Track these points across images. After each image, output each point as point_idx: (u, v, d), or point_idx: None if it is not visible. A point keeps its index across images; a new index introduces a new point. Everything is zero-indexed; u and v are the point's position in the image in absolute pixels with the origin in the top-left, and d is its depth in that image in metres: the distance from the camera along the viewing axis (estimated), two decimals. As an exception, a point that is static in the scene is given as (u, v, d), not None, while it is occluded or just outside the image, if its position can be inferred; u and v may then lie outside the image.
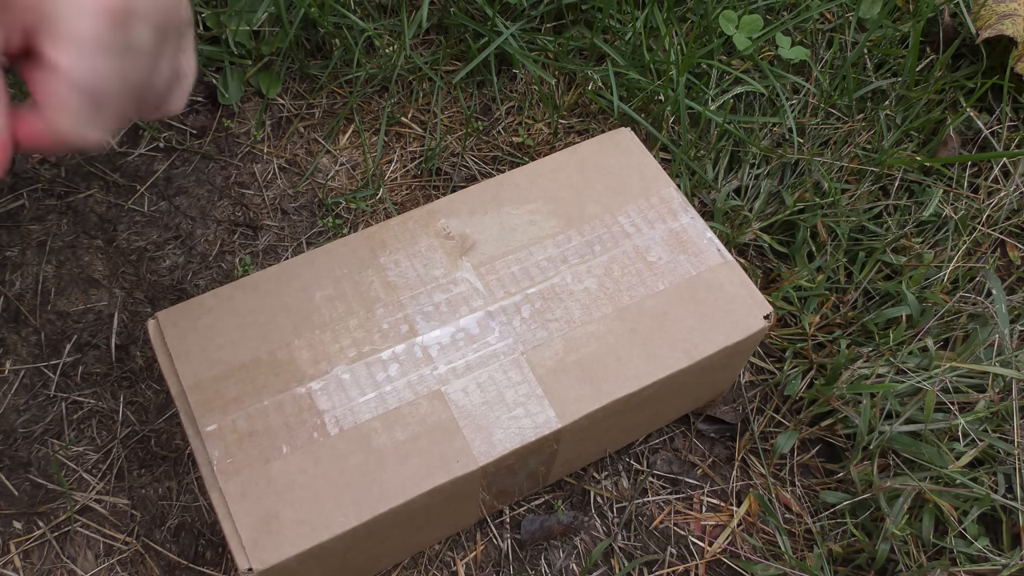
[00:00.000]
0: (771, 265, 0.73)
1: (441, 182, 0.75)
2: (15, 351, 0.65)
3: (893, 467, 0.62)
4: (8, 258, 0.69)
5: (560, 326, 0.55)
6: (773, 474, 0.65)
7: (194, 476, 0.62)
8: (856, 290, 0.70)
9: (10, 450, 0.62)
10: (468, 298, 0.56)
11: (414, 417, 0.52)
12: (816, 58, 0.83)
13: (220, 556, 0.59)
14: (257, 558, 0.47)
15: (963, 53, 0.85)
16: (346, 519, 0.49)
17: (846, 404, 0.64)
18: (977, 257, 0.73)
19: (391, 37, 0.80)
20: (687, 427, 0.66)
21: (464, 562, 0.60)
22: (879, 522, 0.61)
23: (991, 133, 0.81)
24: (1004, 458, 0.62)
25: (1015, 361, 0.64)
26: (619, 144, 0.63)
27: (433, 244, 0.58)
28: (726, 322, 0.56)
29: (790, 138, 0.77)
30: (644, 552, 0.61)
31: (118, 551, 0.59)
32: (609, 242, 0.59)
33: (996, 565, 0.58)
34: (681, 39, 0.80)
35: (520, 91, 0.80)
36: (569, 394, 0.53)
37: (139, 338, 0.66)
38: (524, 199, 0.60)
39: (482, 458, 0.51)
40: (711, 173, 0.75)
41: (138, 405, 0.64)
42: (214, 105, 0.78)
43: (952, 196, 0.76)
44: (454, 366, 0.54)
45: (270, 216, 0.73)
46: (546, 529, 0.61)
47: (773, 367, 0.69)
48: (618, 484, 0.64)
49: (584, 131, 0.78)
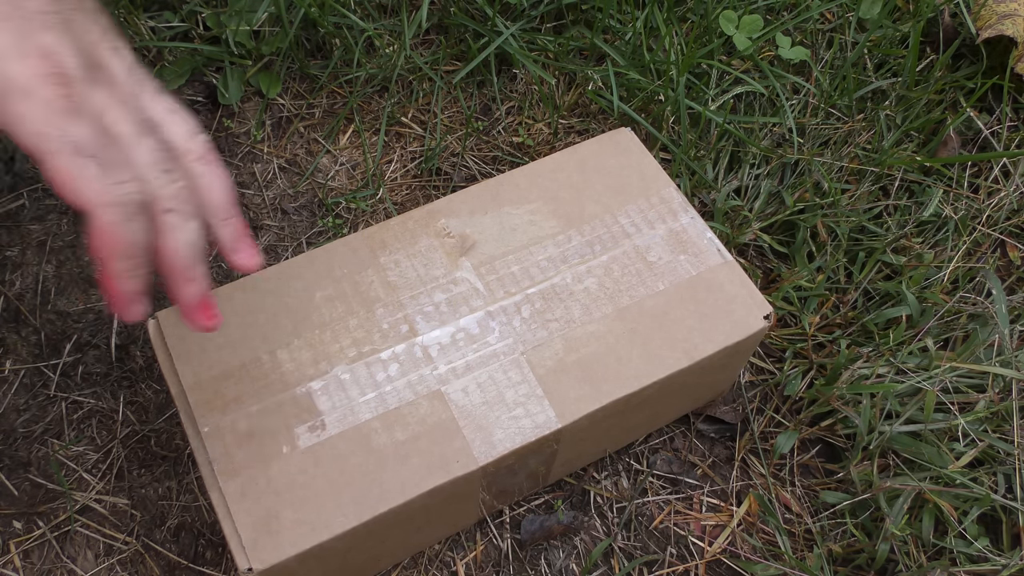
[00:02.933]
0: (771, 265, 0.73)
1: (441, 182, 0.75)
2: (15, 351, 0.65)
3: (893, 467, 0.62)
4: (8, 258, 0.69)
5: (560, 326, 0.55)
6: (773, 474, 0.65)
7: (194, 476, 0.62)
8: (856, 290, 0.70)
9: (10, 450, 0.62)
10: (468, 298, 0.56)
11: (414, 417, 0.52)
12: (816, 58, 0.83)
13: (220, 556, 0.59)
14: (257, 558, 0.47)
15: (963, 53, 0.85)
16: (346, 519, 0.49)
17: (846, 404, 0.64)
18: (977, 257, 0.73)
19: (391, 37, 0.80)
20: (687, 427, 0.66)
21: (464, 562, 0.60)
22: (879, 522, 0.61)
23: (991, 133, 0.81)
24: (1004, 458, 0.62)
25: (1015, 361, 0.64)
26: (619, 144, 0.63)
27: (433, 244, 0.58)
28: (726, 322, 0.56)
29: (790, 138, 0.77)
30: (644, 552, 0.61)
31: (118, 551, 0.59)
32: (609, 242, 0.59)
33: (996, 565, 0.58)
34: (681, 39, 0.80)
35: (520, 91, 0.80)
36: (569, 394, 0.53)
37: (139, 338, 0.66)
38: (524, 199, 0.60)
39: (482, 458, 0.51)
40: (711, 173, 0.75)
41: (138, 405, 0.64)
42: (214, 105, 0.78)
43: (952, 196, 0.76)
44: (454, 366, 0.54)
45: (270, 216, 0.73)
46: (546, 529, 0.61)
47: (773, 367, 0.69)
48: (618, 484, 0.64)
49: (584, 131, 0.78)
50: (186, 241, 0.38)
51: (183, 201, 0.38)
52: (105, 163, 0.35)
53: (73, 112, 0.35)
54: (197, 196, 0.40)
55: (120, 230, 0.36)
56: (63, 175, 0.35)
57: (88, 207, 0.35)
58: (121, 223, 0.35)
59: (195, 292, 0.40)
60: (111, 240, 0.36)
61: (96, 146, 0.35)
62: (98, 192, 0.35)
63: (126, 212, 0.36)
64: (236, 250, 0.42)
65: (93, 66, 0.36)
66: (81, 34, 0.36)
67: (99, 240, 0.36)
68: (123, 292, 0.37)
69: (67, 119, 0.35)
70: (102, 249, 0.36)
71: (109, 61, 0.37)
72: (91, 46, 0.36)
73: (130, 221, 0.36)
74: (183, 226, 0.38)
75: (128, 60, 0.39)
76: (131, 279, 0.37)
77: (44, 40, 0.35)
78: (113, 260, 0.36)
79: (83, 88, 0.35)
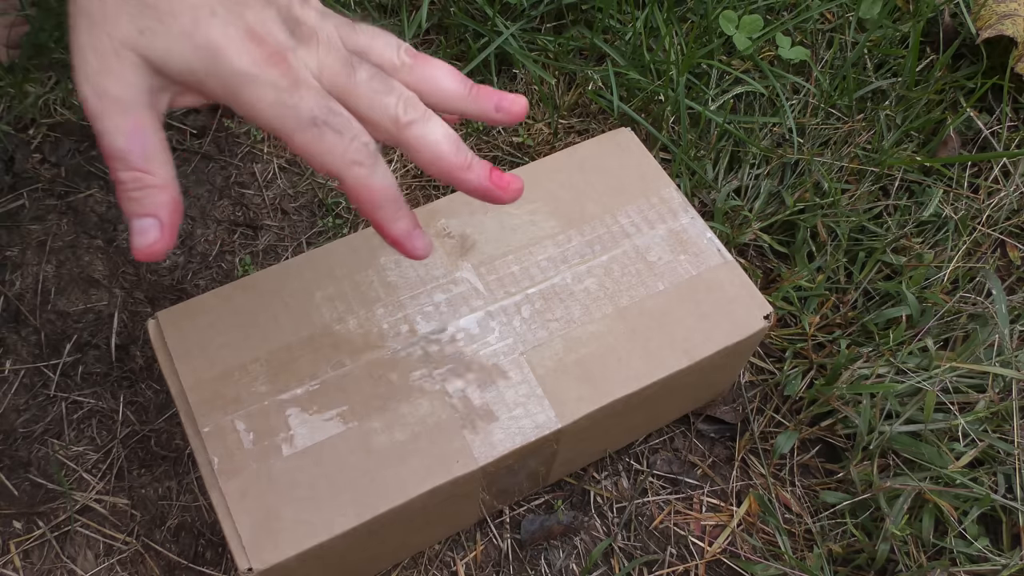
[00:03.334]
0: (771, 265, 0.73)
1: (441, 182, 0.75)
2: (15, 351, 0.65)
3: (893, 467, 0.62)
4: (8, 258, 0.69)
5: (560, 326, 0.55)
6: (773, 474, 0.65)
7: (194, 476, 0.62)
8: (856, 290, 0.70)
9: (10, 450, 0.62)
10: (468, 298, 0.56)
11: (414, 417, 0.52)
12: (816, 58, 0.83)
13: (220, 556, 0.59)
14: (257, 558, 0.47)
15: (963, 53, 0.86)
16: (346, 519, 0.49)
17: (846, 404, 0.64)
18: (977, 257, 0.73)
19: (391, 37, 0.80)
20: (687, 427, 0.66)
21: (464, 562, 0.60)
22: (879, 522, 0.61)
23: (991, 133, 0.81)
24: (1004, 458, 0.62)
25: (1015, 361, 0.64)
26: (619, 144, 0.63)
27: (433, 244, 0.58)
28: (726, 322, 0.56)
29: (790, 138, 0.77)
30: (644, 552, 0.61)
31: (118, 551, 0.59)
32: (609, 242, 0.59)
33: (996, 565, 0.58)
34: (681, 39, 0.80)
35: (520, 91, 0.80)
36: (569, 394, 0.53)
37: (139, 338, 0.66)
38: (524, 199, 0.60)
39: (482, 458, 0.51)
40: (711, 173, 0.75)
41: (138, 405, 0.64)
42: (214, 105, 0.78)
43: (952, 196, 0.76)
44: (454, 366, 0.54)
45: (270, 216, 0.73)
46: (546, 529, 0.61)
47: (773, 367, 0.69)
48: (618, 484, 0.64)
49: (584, 131, 0.78)
50: (439, 137, 0.39)
51: (415, 107, 0.39)
52: (337, 125, 0.37)
53: (298, 85, 0.36)
54: (429, 95, 0.41)
55: (370, 182, 0.38)
56: (308, 150, 0.37)
57: (337, 173, 0.38)
58: (368, 176, 0.38)
59: (480, 174, 0.41)
60: (368, 194, 0.38)
61: (326, 111, 0.37)
62: (340, 155, 0.37)
63: (369, 164, 0.38)
64: (499, 108, 0.42)
65: (295, 26, 0.37)
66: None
67: (357, 198, 0.38)
68: (399, 233, 0.40)
69: (295, 94, 0.36)
70: (363, 204, 0.39)
71: (303, 14, 0.38)
72: (286, 7, 0.37)
73: (375, 170, 0.38)
74: (428, 127, 0.39)
75: (316, 6, 0.39)
76: (400, 219, 0.40)
77: (250, 21, 0.36)
78: (376, 210, 0.39)
79: (296, 56, 0.37)
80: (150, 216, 0.36)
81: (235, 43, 0.35)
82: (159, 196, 0.36)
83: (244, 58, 0.35)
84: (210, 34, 0.35)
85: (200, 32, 0.35)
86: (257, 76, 0.36)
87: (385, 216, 0.39)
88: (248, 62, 0.35)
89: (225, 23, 0.35)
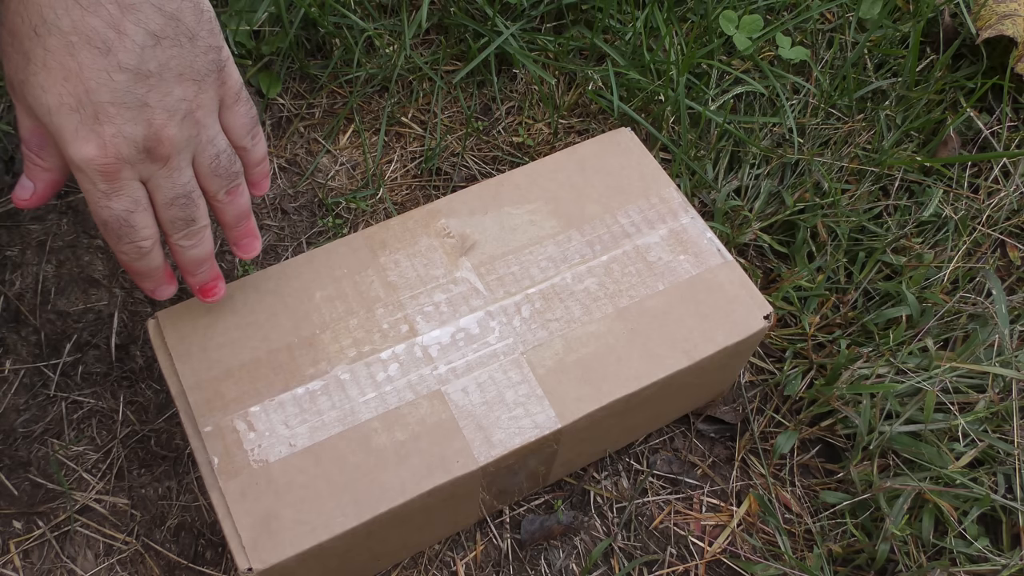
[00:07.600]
0: (771, 265, 0.73)
1: (441, 182, 0.75)
2: (15, 351, 0.65)
3: (893, 467, 0.63)
4: (8, 258, 0.69)
5: (560, 326, 0.55)
6: (773, 474, 0.65)
7: (194, 476, 0.62)
8: (856, 290, 0.70)
9: (10, 450, 0.62)
10: (468, 298, 0.56)
11: (414, 417, 0.52)
12: (816, 58, 0.83)
13: (220, 556, 0.59)
14: (257, 558, 0.47)
15: (963, 53, 0.86)
16: (346, 519, 0.49)
17: (846, 404, 0.64)
18: (977, 257, 0.73)
19: (391, 37, 0.80)
20: (687, 427, 0.66)
21: (464, 562, 0.60)
22: (879, 522, 0.61)
23: (991, 133, 0.81)
24: (1004, 458, 0.62)
25: (1015, 361, 0.64)
26: (619, 144, 0.63)
27: (433, 244, 0.58)
28: (726, 322, 0.56)
29: (790, 138, 0.77)
30: (644, 552, 0.61)
31: (118, 551, 0.59)
32: (609, 242, 0.59)
33: (996, 565, 0.58)
34: (681, 39, 0.80)
35: (520, 91, 0.80)
36: (569, 394, 0.53)
37: (139, 338, 0.66)
38: (524, 199, 0.60)
39: (482, 458, 0.51)
40: (711, 173, 0.75)
41: (138, 405, 0.64)
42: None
43: (952, 196, 0.76)
44: (454, 366, 0.54)
45: (270, 216, 0.73)
46: (546, 529, 0.61)
47: (773, 367, 0.69)
48: (618, 484, 0.64)
49: (584, 131, 0.78)
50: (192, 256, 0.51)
51: (191, 239, 0.50)
52: (121, 232, 0.47)
53: (111, 196, 0.45)
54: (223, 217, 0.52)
55: (130, 265, 0.49)
56: (103, 233, 0.47)
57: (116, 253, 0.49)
58: (129, 262, 0.49)
59: (197, 283, 0.53)
60: (128, 268, 0.50)
61: (119, 223, 0.46)
62: (114, 245, 0.48)
63: (134, 256, 0.49)
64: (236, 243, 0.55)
65: (151, 146, 0.45)
66: (152, 111, 0.44)
67: (123, 265, 0.50)
68: (144, 289, 0.52)
69: (104, 198, 0.45)
70: (127, 269, 0.50)
71: (171, 135, 0.45)
72: (156, 128, 0.44)
73: (139, 259, 0.49)
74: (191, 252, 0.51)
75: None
76: (146, 283, 0.52)
77: (105, 132, 0.43)
78: (132, 276, 0.51)
79: (132, 170, 0.45)
80: (31, 181, 0.48)
81: (81, 139, 0.43)
82: (42, 173, 0.48)
83: (82, 153, 0.43)
84: (62, 123, 0.43)
85: (53, 117, 0.43)
86: (83, 170, 0.44)
87: (139, 283, 0.52)
88: (82, 157, 0.43)
89: (81, 124, 0.43)
